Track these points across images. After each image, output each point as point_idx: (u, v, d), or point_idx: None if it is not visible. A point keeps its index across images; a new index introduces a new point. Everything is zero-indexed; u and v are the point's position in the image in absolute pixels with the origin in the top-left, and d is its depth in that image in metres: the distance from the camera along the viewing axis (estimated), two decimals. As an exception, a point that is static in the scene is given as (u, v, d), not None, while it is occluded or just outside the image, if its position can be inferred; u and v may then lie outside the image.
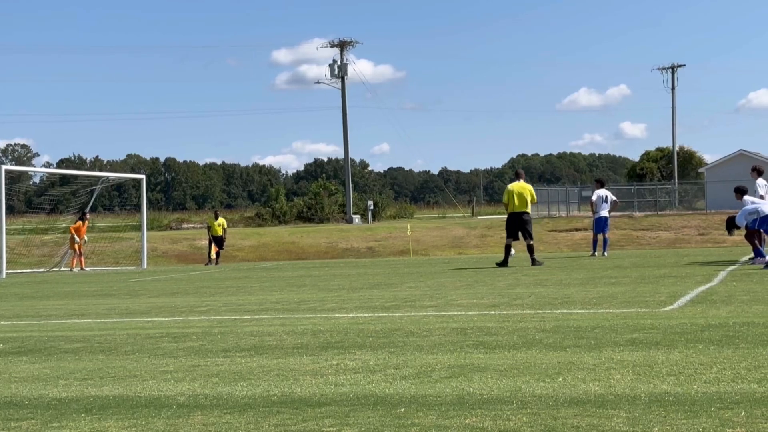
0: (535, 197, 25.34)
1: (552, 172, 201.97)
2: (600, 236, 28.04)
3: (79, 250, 38.15)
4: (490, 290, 15.82)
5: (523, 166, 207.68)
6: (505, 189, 25.26)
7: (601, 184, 29.25)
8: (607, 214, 28.14)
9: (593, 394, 6.23)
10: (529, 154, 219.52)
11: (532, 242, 24.66)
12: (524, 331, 9.66)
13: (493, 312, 11.88)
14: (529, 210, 24.81)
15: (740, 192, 21.35)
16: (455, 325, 10.44)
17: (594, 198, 28.26)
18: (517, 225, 24.69)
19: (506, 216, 25.23)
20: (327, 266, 30.18)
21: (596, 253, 27.85)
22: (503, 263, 24.15)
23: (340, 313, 12.80)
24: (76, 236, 38.00)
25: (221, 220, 41.28)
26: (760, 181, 22.75)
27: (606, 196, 28.27)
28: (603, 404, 5.88)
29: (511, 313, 11.58)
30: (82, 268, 37.47)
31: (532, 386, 6.57)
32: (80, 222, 38.83)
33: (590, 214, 31.30)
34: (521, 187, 24.79)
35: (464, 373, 7.23)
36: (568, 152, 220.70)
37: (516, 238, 24.87)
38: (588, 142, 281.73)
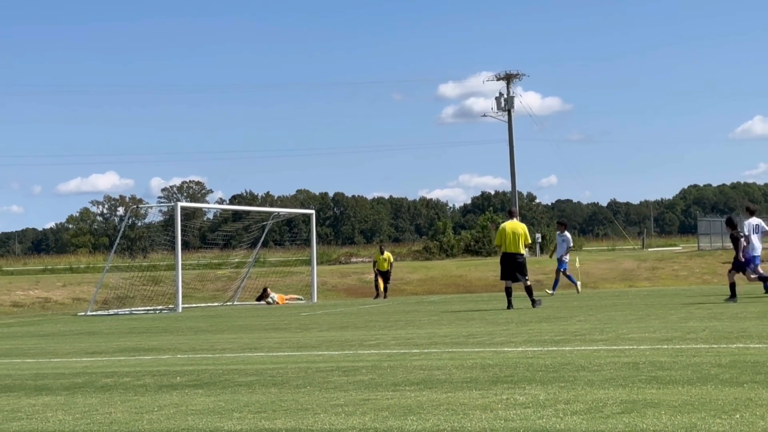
0: (529, 238, 23.81)
1: (725, 202, 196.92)
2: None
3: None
4: (662, 324, 15.51)
5: (696, 197, 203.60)
6: (498, 228, 24.07)
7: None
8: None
9: (773, 431, 6.03)
10: (701, 185, 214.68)
11: (528, 283, 23.61)
12: (699, 365, 9.43)
13: (665, 346, 11.64)
14: (522, 251, 23.53)
15: None
16: (627, 360, 10.26)
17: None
18: (512, 267, 23.45)
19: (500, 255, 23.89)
20: (495, 300, 30.06)
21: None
22: (508, 306, 22.98)
23: (509, 347, 12.72)
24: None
25: (387, 255, 41.67)
26: None
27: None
28: (783, 442, 5.70)
29: (685, 348, 11.32)
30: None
31: (708, 423, 6.41)
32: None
33: None
34: (514, 226, 23.49)
35: (637, 408, 7.10)
36: (742, 182, 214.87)
37: (513, 280, 23.57)
38: (763, 171, 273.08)
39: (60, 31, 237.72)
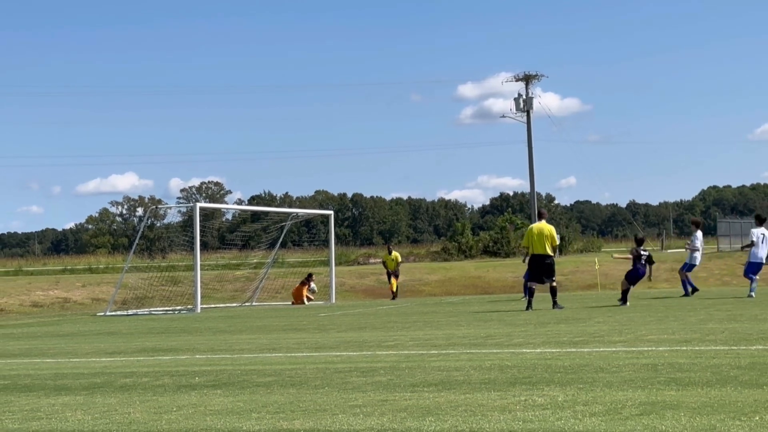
0: (557, 240, 23.80)
1: (745, 203, 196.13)
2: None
3: None
4: (681, 325, 15.47)
5: (715, 199, 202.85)
6: (527, 230, 24.04)
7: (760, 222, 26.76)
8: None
9: (792, 434, 6.01)
10: (721, 186, 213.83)
11: (555, 284, 23.59)
12: (718, 367, 9.40)
13: (684, 348, 11.61)
14: (550, 252, 23.41)
15: None
16: (646, 361, 10.24)
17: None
18: (541, 269, 23.41)
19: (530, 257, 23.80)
20: (514, 301, 30.03)
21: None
22: (528, 307, 23.03)
23: (528, 348, 12.71)
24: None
25: (395, 255, 42.12)
26: None
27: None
28: (803, 445, 5.67)
29: (704, 349, 11.29)
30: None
31: (728, 425, 6.39)
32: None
33: None
34: (540, 228, 23.54)
35: (656, 410, 7.09)
36: (761, 183, 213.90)
37: (540, 282, 23.58)
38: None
39: (79, 32, 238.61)
